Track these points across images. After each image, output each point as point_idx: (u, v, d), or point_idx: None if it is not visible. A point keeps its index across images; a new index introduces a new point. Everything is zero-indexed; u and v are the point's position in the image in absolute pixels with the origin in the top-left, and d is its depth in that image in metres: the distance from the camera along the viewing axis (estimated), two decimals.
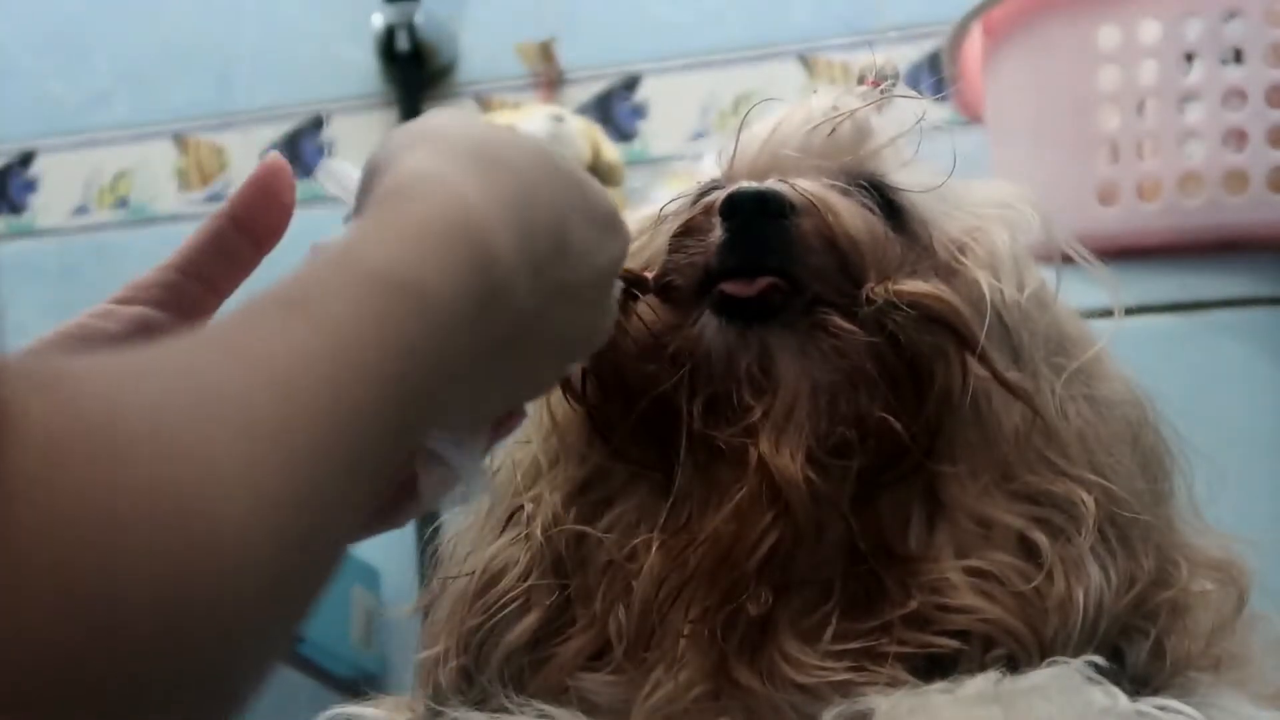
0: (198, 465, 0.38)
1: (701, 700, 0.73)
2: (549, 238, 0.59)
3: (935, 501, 0.75)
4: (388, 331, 0.46)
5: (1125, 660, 0.74)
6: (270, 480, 0.40)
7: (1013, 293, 0.78)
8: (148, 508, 0.37)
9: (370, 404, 0.44)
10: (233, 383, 0.40)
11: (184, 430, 0.38)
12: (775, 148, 0.82)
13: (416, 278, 0.49)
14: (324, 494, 0.42)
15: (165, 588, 0.37)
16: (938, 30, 1.80)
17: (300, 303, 0.45)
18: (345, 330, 0.45)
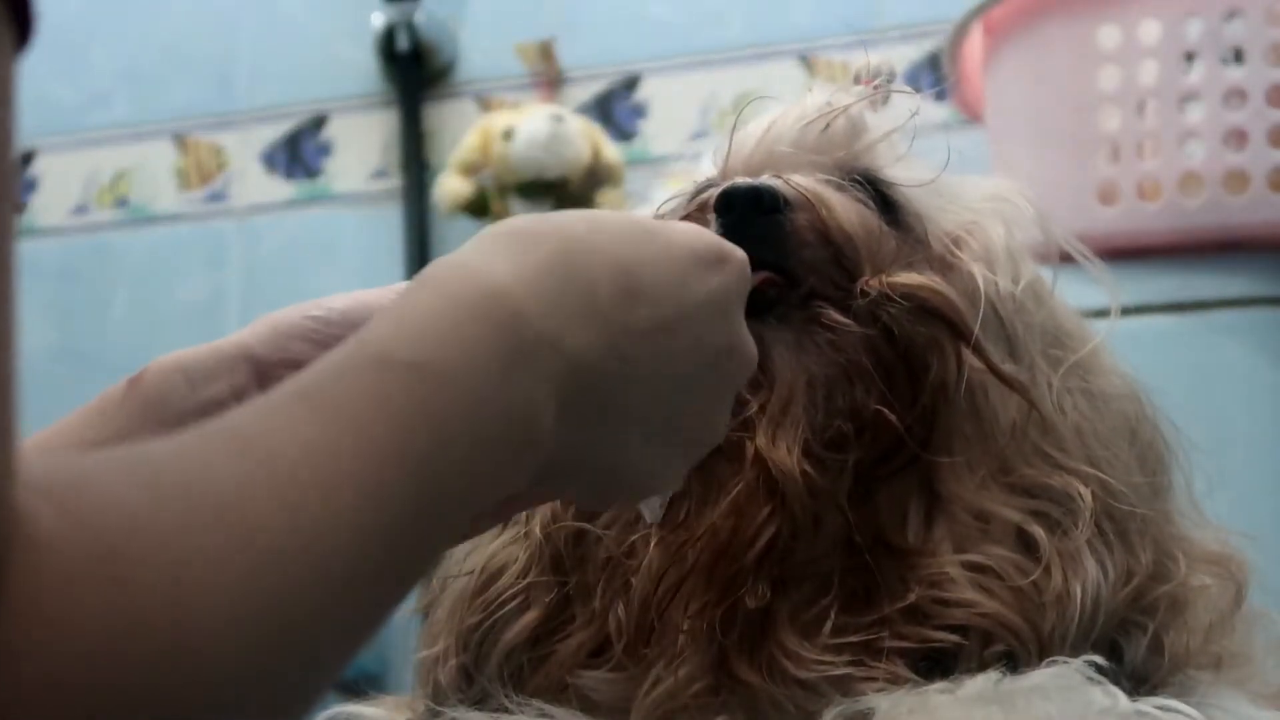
0: (201, 591, 0.38)
1: (701, 696, 0.73)
2: (608, 284, 0.57)
3: (933, 495, 0.75)
4: (394, 410, 0.45)
5: (1123, 656, 0.74)
6: (273, 599, 0.39)
7: (1007, 285, 0.79)
8: (149, 636, 0.37)
9: (385, 485, 0.43)
10: (239, 487, 0.40)
11: (189, 553, 0.38)
12: (770, 144, 0.82)
13: (425, 356, 0.47)
14: (338, 593, 0.41)
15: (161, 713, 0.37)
16: (938, 30, 1.80)
17: (308, 393, 0.45)
18: (347, 414, 0.44)
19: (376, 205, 2.23)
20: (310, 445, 0.42)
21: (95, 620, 0.36)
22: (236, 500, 0.40)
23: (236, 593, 0.38)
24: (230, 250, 2.26)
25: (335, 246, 2.23)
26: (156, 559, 0.37)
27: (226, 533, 0.39)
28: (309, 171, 2.27)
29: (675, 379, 0.60)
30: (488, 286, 0.52)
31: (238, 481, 0.40)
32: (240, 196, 2.29)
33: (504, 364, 0.50)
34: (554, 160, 2.03)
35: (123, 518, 0.38)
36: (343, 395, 0.44)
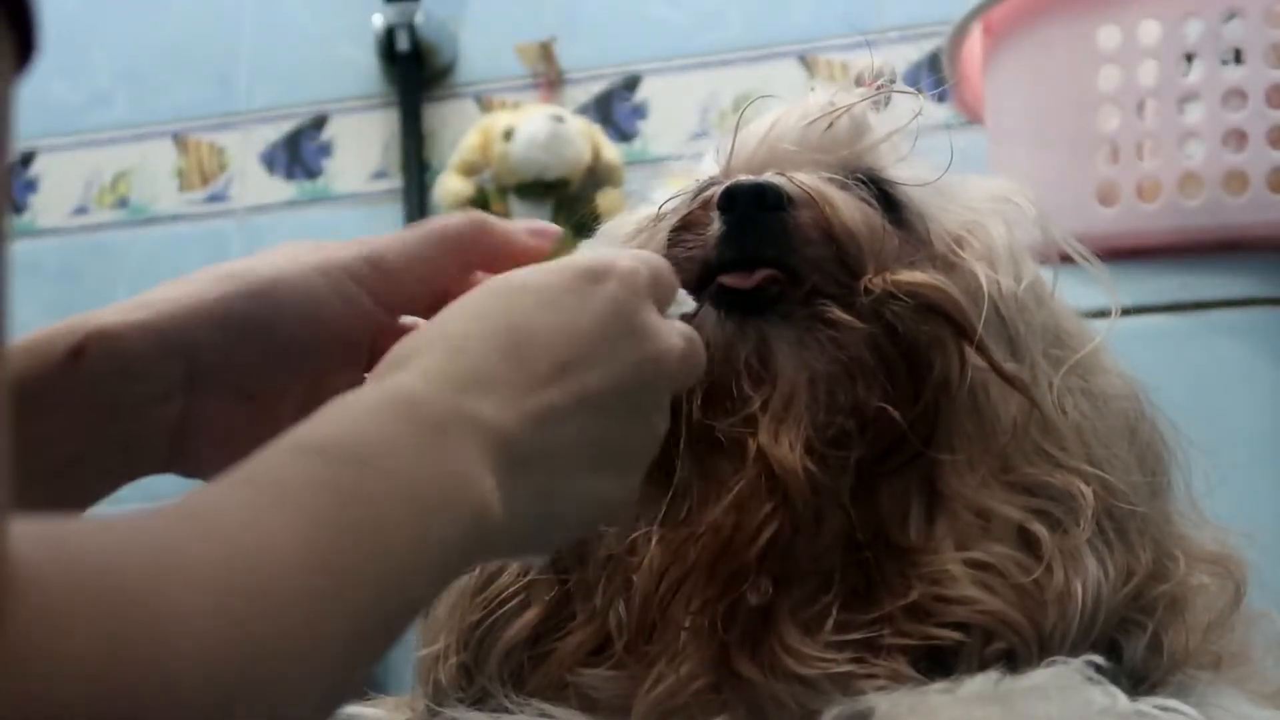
0: (178, 642, 0.40)
1: (703, 693, 0.73)
2: (496, 351, 0.58)
3: (934, 493, 0.75)
4: (324, 490, 0.48)
5: (1122, 655, 0.74)
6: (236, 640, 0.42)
7: (1009, 285, 0.79)
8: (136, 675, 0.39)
9: (329, 554, 0.46)
10: (195, 552, 0.43)
11: (169, 607, 0.41)
12: (773, 143, 0.82)
13: (335, 441, 0.51)
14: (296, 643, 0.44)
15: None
16: (938, 30, 1.80)
17: (252, 479, 0.48)
18: (289, 495, 0.47)
19: (376, 205, 2.23)
20: (253, 523, 0.45)
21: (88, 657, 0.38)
22: (200, 570, 0.42)
23: (206, 644, 0.41)
24: (230, 250, 2.26)
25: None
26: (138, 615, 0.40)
27: (197, 598, 0.42)
28: (309, 172, 2.27)
29: (600, 409, 0.61)
30: (386, 387, 0.55)
31: (198, 554, 0.43)
32: (240, 197, 2.29)
33: (418, 442, 0.52)
34: (554, 160, 2.03)
35: (107, 577, 0.40)
36: (278, 478, 0.48)
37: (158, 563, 0.41)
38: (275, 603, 0.43)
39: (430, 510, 0.51)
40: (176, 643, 0.40)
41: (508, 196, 2.08)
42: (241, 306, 0.67)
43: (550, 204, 2.06)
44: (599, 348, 0.61)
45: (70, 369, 0.65)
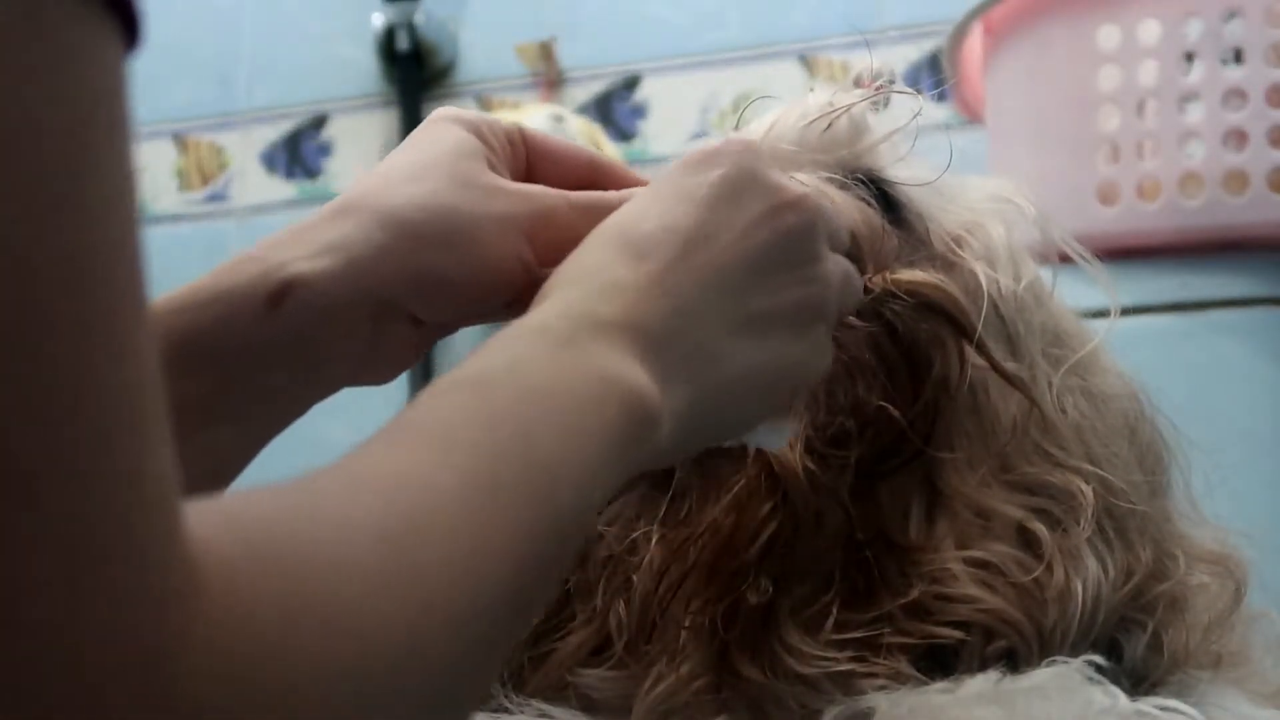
0: (360, 591, 0.41)
1: (703, 693, 0.73)
2: (615, 253, 0.61)
3: (934, 492, 0.75)
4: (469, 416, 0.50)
5: (1123, 654, 0.74)
6: (413, 580, 0.43)
7: (1009, 284, 0.79)
8: (323, 645, 0.40)
9: (484, 479, 0.48)
10: (363, 505, 0.44)
11: (342, 565, 0.41)
12: (772, 144, 0.82)
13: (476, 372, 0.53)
14: (479, 565, 0.46)
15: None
16: (938, 30, 1.80)
17: (404, 426, 0.49)
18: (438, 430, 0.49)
19: None
20: (411, 465, 0.47)
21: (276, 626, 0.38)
22: (369, 525, 0.43)
23: (383, 595, 0.42)
24: (230, 250, 2.25)
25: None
26: (316, 578, 0.40)
27: (368, 552, 0.42)
28: (309, 171, 2.27)
29: (734, 274, 0.62)
30: (520, 323, 0.57)
31: (366, 506, 0.44)
32: (240, 196, 2.29)
33: (552, 354, 0.54)
34: None
35: (286, 543, 0.41)
36: (425, 417, 0.50)
37: (327, 524, 0.42)
38: (441, 539, 0.44)
39: (578, 410, 0.53)
40: (356, 600, 0.41)
41: None
42: (426, 256, 0.70)
43: None
44: (719, 213, 0.63)
45: (268, 315, 0.69)
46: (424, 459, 0.47)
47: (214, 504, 0.40)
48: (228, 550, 0.38)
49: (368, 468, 0.46)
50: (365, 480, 0.45)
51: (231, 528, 0.40)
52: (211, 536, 0.38)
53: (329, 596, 0.40)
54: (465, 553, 0.45)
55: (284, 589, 0.39)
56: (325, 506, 0.43)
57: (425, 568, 0.43)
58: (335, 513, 0.43)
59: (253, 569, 0.39)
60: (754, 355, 0.63)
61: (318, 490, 0.44)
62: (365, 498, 0.44)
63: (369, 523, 0.43)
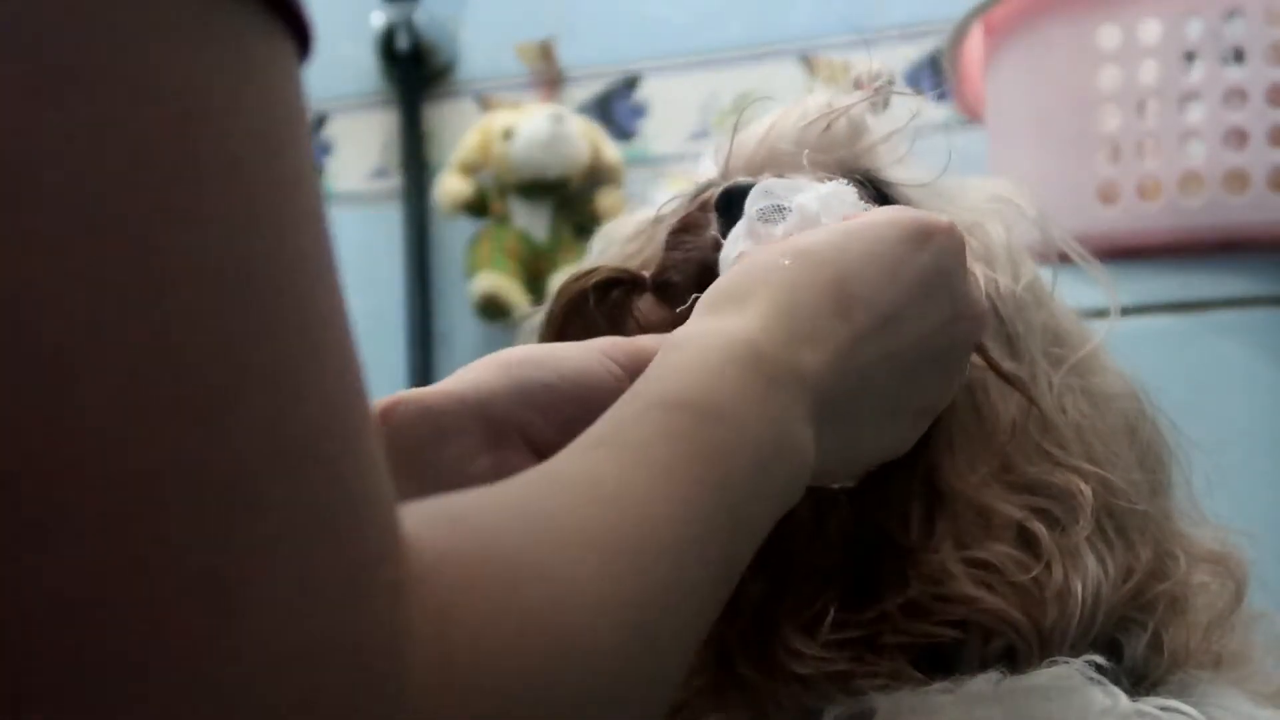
0: (578, 604, 0.43)
1: (703, 693, 0.73)
2: (827, 303, 0.62)
3: (934, 491, 0.75)
4: (682, 444, 0.51)
5: (1123, 654, 0.74)
6: (625, 597, 0.45)
7: (1008, 284, 0.79)
8: (542, 639, 0.41)
9: (691, 512, 0.50)
10: (583, 521, 0.46)
11: (561, 570, 0.43)
12: (771, 144, 0.82)
13: (696, 397, 0.54)
14: (673, 596, 0.47)
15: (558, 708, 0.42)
16: (938, 30, 1.80)
17: (604, 441, 0.51)
18: (642, 451, 0.50)
19: (376, 204, 2.23)
20: (622, 482, 0.48)
21: (499, 627, 0.40)
22: (584, 532, 0.45)
23: (605, 605, 0.44)
24: None
25: (335, 246, 2.23)
26: (538, 576, 0.42)
27: (587, 557, 0.44)
28: None
29: (904, 365, 0.65)
30: (727, 334, 0.58)
31: (580, 517, 0.46)
32: None
33: (760, 395, 0.56)
34: (554, 160, 2.03)
35: (503, 545, 0.42)
36: (636, 437, 0.51)
37: (547, 529, 0.44)
38: (653, 559, 0.46)
39: (768, 460, 0.55)
40: (574, 609, 0.42)
41: (507, 196, 2.08)
42: (530, 374, 0.72)
43: (550, 204, 2.06)
44: (917, 304, 0.65)
45: (378, 424, 0.70)
46: (638, 477, 0.49)
47: (432, 504, 0.42)
48: (445, 544, 0.40)
49: (586, 477, 0.48)
50: (585, 489, 0.47)
51: (453, 526, 0.41)
52: (430, 534, 0.40)
53: (551, 602, 0.42)
54: (672, 577, 0.47)
55: (504, 587, 0.41)
56: (547, 511, 0.45)
57: (637, 587, 0.45)
58: (558, 519, 0.45)
59: (475, 569, 0.40)
60: (883, 439, 0.68)
61: (536, 496, 0.46)
62: (587, 509, 0.46)
63: (589, 535, 0.45)
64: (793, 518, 0.73)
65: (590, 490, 0.47)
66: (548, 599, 0.42)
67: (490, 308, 2.05)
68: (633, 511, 0.47)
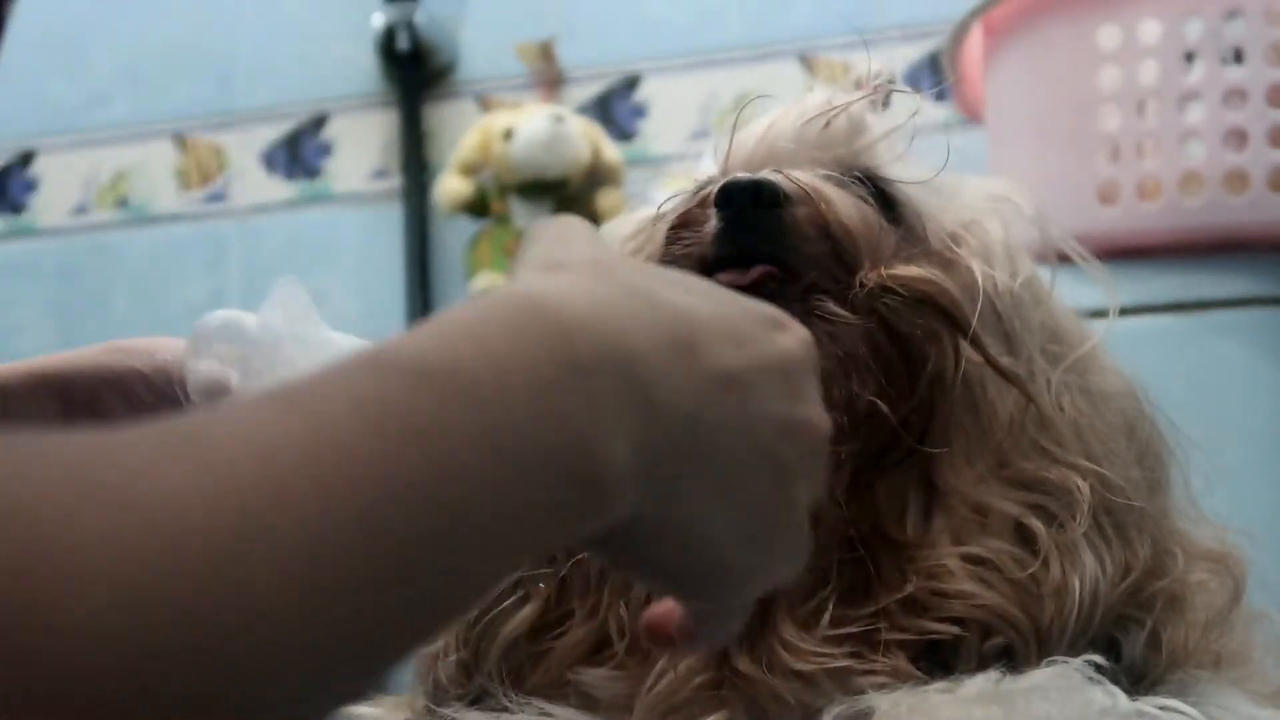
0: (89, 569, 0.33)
1: (703, 690, 0.73)
2: (667, 329, 0.48)
3: (931, 488, 0.75)
4: (374, 414, 0.39)
5: (1121, 653, 0.74)
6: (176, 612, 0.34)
7: (1005, 281, 0.79)
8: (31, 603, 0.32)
9: (356, 494, 0.37)
10: (174, 487, 0.35)
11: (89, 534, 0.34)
12: (771, 142, 0.82)
13: (432, 362, 0.41)
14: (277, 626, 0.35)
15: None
16: (938, 30, 1.80)
17: (283, 393, 0.39)
18: (314, 411, 0.38)
19: (376, 205, 2.23)
20: (264, 441, 0.37)
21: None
22: (165, 499, 0.35)
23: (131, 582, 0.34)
24: (230, 250, 2.26)
25: (335, 246, 2.23)
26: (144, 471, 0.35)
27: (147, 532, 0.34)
28: (309, 171, 2.27)
29: (750, 442, 0.51)
30: (535, 298, 0.45)
31: (174, 482, 0.36)
32: (240, 196, 2.29)
33: (546, 380, 0.42)
34: (554, 160, 2.03)
35: (119, 443, 0.35)
36: (318, 394, 0.39)
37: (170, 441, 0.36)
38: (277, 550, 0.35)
39: (527, 466, 0.42)
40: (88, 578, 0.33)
41: (508, 196, 2.08)
42: (122, 361, 0.73)
43: (550, 204, 2.06)
44: (764, 383, 0.52)
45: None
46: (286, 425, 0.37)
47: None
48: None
49: (233, 424, 0.37)
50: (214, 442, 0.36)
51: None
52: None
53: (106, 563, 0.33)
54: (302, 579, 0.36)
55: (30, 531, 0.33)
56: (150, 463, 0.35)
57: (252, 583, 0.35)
58: (154, 473, 0.35)
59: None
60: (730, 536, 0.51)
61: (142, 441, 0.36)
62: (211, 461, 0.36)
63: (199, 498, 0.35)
64: None
65: (205, 451, 0.36)
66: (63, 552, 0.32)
67: None
68: (252, 480, 0.36)
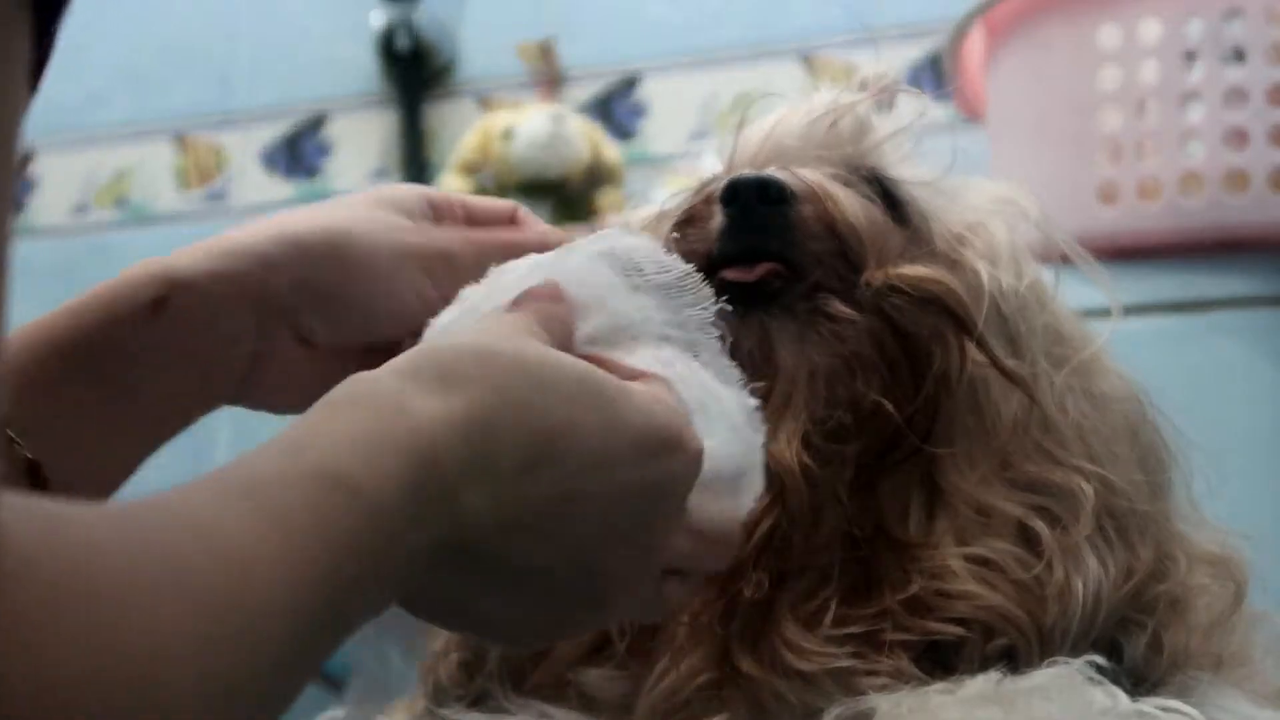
0: (156, 638, 0.40)
1: (705, 690, 0.73)
2: (518, 450, 0.55)
3: (934, 488, 0.75)
4: (328, 526, 0.48)
5: (1123, 655, 0.74)
6: (218, 655, 0.42)
7: (1010, 282, 0.79)
8: (129, 670, 0.39)
9: (309, 587, 0.46)
10: (189, 561, 0.43)
11: (149, 603, 0.41)
12: (776, 140, 0.82)
13: (359, 480, 0.49)
14: (266, 669, 0.45)
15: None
16: (938, 30, 1.80)
17: (253, 492, 0.47)
18: (286, 520, 0.47)
19: None
20: (262, 541, 0.45)
21: (78, 644, 0.38)
22: (194, 575, 0.43)
23: (194, 647, 0.41)
24: None
25: None
26: (130, 605, 0.40)
27: (185, 600, 0.42)
28: (309, 171, 2.27)
29: (567, 556, 0.58)
30: (416, 424, 0.52)
31: (188, 555, 0.43)
32: (240, 196, 2.29)
33: (417, 506, 0.51)
34: (554, 160, 2.03)
35: (102, 561, 0.40)
36: (287, 503, 0.47)
37: (153, 561, 0.42)
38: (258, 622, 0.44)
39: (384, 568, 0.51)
40: (167, 640, 0.40)
41: (508, 196, 2.08)
42: (314, 270, 0.70)
43: (550, 203, 2.06)
44: (616, 504, 0.58)
45: (152, 318, 0.69)
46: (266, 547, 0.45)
47: (32, 501, 0.39)
48: (40, 547, 0.38)
49: (209, 523, 0.45)
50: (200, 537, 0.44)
51: (53, 531, 0.39)
52: (26, 537, 0.38)
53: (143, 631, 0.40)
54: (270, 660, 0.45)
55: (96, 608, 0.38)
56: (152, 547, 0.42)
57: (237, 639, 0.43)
58: (163, 562, 0.42)
59: (64, 580, 0.38)
60: (520, 613, 0.59)
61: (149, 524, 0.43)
62: (201, 559, 0.43)
63: (196, 590, 0.42)
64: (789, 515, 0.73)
65: (212, 542, 0.44)
66: (139, 635, 0.39)
67: None
68: (250, 577, 0.44)
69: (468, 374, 0.55)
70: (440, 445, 0.52)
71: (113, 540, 0.41)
